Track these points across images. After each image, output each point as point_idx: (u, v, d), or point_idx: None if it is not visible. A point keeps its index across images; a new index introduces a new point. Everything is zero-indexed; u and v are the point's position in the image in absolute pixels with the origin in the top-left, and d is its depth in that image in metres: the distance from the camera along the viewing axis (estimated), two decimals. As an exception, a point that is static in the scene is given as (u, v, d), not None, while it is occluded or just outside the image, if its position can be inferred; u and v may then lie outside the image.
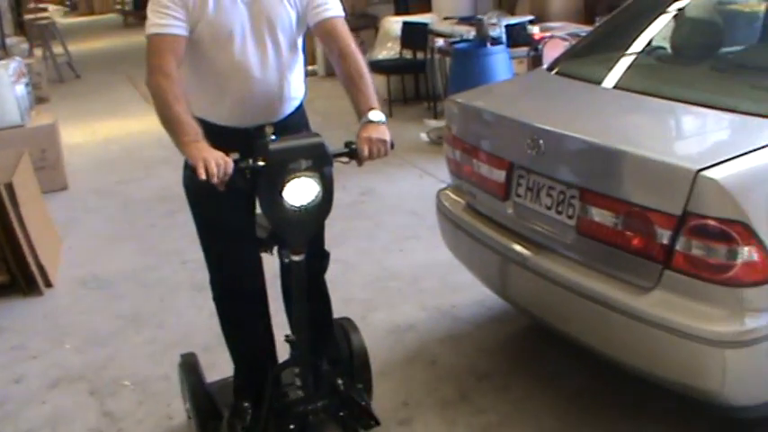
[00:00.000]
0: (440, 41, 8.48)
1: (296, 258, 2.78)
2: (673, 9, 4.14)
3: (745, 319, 2.73)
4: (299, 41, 3.14)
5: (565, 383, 3.77)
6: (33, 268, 5.28)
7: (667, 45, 4.23)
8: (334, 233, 5.79)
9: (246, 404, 3.19)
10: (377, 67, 9.40)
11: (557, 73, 4.04)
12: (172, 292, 5.18)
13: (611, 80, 3.73)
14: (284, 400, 3.14)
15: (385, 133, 2.78)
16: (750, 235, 2.68)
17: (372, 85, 2.94)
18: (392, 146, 2.79)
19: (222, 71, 2.98)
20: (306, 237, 2.77)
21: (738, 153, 2.78)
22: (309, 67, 10.90)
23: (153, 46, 2.86)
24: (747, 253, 2.69)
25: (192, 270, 5.28)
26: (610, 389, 3.64)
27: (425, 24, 9.07)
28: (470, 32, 7.87)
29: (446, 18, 9.41)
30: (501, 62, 6.99)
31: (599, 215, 3.02)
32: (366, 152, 2.74)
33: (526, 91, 4.16)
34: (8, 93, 7.15)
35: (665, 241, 2.81)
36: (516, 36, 7.84)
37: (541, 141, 3.21)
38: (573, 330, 3.31)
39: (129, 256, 5.85)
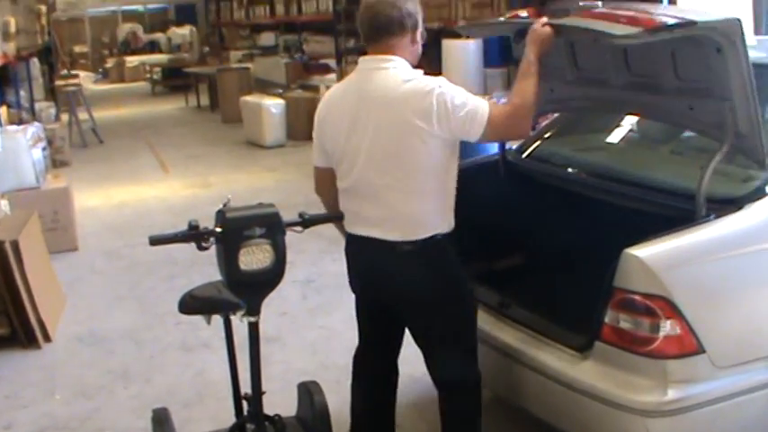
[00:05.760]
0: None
1: (251, 319, 3.02)
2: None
3: (667, 390, 2.93)
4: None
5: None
6: (33, 323, 5.54)
7: (635, 129, 4.48)
8: (323, 301, 6.13)
9: None
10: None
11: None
12: (162, 350, 5.42)
13: (570, 164, 3.99)
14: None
15: None
16: (672, 310, 2.89)
17: None
18: None
19: None
20: (259, 300, 3.00)
21: (663, 233, 3.00)
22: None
23: None
24: (670, 327, 2.90)
25: (183, 331, 5.54)
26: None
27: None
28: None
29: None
30: (496, 141, 7.22)
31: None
32: None
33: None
34: (25, 156, 7.52)
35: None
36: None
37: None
38: (515, 396, 3.51)
39: (127, 315, 6.10)
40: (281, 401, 3.72)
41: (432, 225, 3.18)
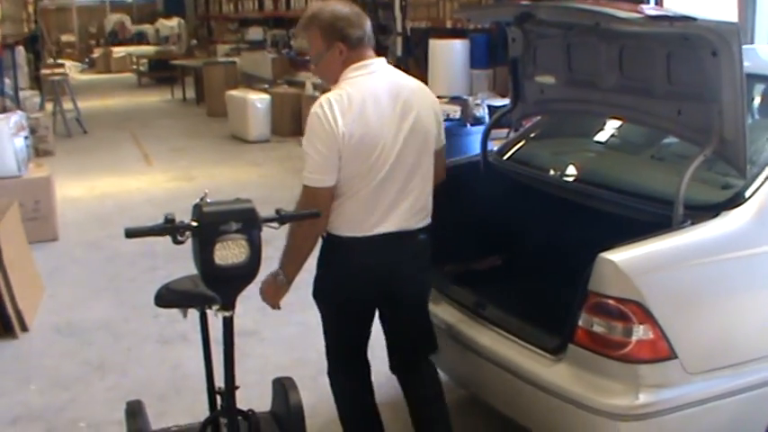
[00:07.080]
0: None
1: (226, 314, 3.02)
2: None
3: (639, 394, 2.94)
4: None
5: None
6: (10, 312, 5.52)
7: (617, 134, 4.51)
8: (301, 298, 6.09)
9: None
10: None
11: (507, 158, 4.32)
12: (140, 343, 5.42)
13: (550, 167, 4.01)
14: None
15: None
16: (645, 314, 2.91)
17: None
18: None
19: None
20: (234, 295, 3.00)
21: (639, 238, 3.02)
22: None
23: None
24: (642, 331, 2.92)
25: (161, 324, 5.53)
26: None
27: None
28: (457, 112, 8.15)
29: (439, 97, 9.70)
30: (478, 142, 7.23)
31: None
32: None
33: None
34: (7, 144, 7.46)
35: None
36: (500, 117, 8.11)
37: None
38: (488, 396, 3.53)
39: (105, 306, 6.09)
40: (256, 395, 3.75)
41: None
